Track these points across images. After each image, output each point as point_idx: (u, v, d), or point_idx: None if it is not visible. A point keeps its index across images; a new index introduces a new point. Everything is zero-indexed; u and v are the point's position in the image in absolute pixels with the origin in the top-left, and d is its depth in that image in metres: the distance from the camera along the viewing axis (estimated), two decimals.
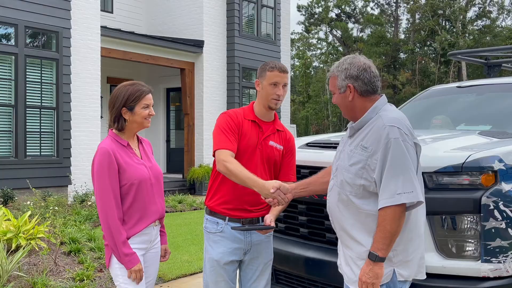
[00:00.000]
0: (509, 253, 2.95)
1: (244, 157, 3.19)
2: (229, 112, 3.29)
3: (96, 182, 2.94)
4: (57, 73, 10.63)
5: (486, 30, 32.92)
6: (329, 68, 2.88)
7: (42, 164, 10.37)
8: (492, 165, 3.00)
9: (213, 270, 3.31)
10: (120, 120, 3.05)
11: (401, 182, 2.47)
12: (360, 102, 2.70)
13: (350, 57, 2.77)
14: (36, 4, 10.27)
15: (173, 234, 8.40)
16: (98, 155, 2.95)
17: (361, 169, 2.59)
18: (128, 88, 3.05)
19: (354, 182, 2.61)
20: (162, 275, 5.95)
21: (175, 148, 15.96)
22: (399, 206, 2.47)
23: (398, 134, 2.51)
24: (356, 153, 2.63)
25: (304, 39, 39.75)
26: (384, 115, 2.62)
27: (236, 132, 3.19)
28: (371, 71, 2.70)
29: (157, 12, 15.60)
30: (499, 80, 5.05)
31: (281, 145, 3.32)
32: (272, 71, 3.20)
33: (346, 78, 2.69)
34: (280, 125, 3.39)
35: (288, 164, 3.37)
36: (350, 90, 2.69)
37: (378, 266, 2.52)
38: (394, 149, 2.49)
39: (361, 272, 2.57)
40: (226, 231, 3.28)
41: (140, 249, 3.05)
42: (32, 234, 5.87)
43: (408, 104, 5.45)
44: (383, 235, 2.49)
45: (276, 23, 16.38)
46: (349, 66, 2.70)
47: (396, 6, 37.07)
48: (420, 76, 32.49)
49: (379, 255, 2.51)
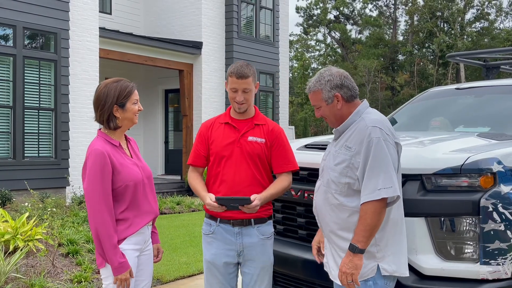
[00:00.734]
0: (508, 255, 2.94)
1: (223, 159, 3.28)
2: (203, 123, 3.48)
3: (87, 185, 2.89)
4: (55, 74, 10.62)
5: (484, 32, 32.99)
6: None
7: (40, 165, 10.35)
8: (491, 167, 2.99)
9: (208, 271, 3.36)
10: (113, 119, 3.00)
11: (381, 179, 2.62)
12: (346, 108, 2.87)
13: (327, 69, 2.94)
14: (35, 5, 10.26)
15: (171, 236, 8.38)
16: (93, 156, 2.89)
17: (345, 168, 2.75)
18: (117, 85, 3.00)
19: (339, 180, 2.77)
20: (160, 277, 5.94)
21: (174, 150, 15.94)
22: (379, 201, 2.63)
23: (380, 133, 2.68)
24: (340, 153, 2.79)
25: (302, 41, 39.78)
26: (367, 117, 2.80)
27: (204, 142, 3.37)
28: (350, 77, 2.90)
29: (156, 13, 15.59)
30: (498, 82, 5.05)
31: (262, 138, 3.29)
32: (231, 77, 3.25)
33: (332, 88, 2.85)
34: (260, 119, 3.38)
35: (280, 155, 3.31)
36: (337, 99, 2.85)
37: (358, 257, 2.67)
38: (375, 148, 2.66)
39: (342, 263, 2.72)
40: (217, 232, 3.31)
41: (135, 250, 3.03)
42: (30, 236, 5.85)
43: (407, 106, 5.45)
44: (364, 228, 2.64)
45: (274, 24, 16.39)
46: (331, 77, 2.86)
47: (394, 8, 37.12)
48: (418, 78, 32.52)
49: (359, 246, 2.66)
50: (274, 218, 3.99)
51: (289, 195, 3.74)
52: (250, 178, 3.24)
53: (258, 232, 3.28)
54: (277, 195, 3.27)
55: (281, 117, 16.81)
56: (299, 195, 3.68)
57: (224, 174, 3.27)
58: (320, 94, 2.86)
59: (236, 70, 3.23)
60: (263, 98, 15.98)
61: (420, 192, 3.08)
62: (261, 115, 3.43)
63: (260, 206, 3.14)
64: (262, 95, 15.90)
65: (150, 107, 15.86)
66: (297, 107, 35.78)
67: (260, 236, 3.29)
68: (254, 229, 3.27)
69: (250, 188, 3.20)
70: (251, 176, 3.24)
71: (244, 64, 3.28)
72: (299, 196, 3.68)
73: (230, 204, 3.12)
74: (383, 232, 2.72)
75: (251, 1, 15.64)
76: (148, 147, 16.04)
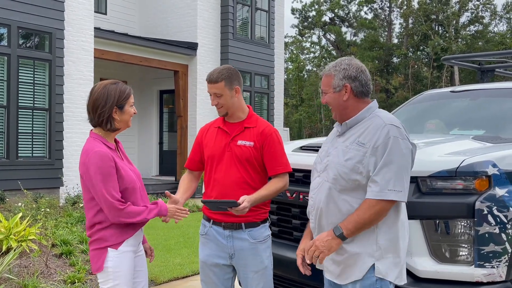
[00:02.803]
0: (502, 258, 2.95)
1: (214, 162, 3.31)
2: (201, 128, 3.55)
3: (95, 187, 2.85)
4: (50, 74, 10.58)
5: (478, 35, 33.09)
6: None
7: (34, 165, 10.30)
8: (486, 170, 3.00)
9: (202, 271, 3.41)
10: (111, 121, 2.99)
11: (393, 180, 2.53)
12: (353, 102, 2.75)
13: (348, 58, 2.83)
14: (29, 4, 10.22)
15: (165, 237, 8.36)
16: (97, 158, 2.86)
17: (357, 164, 2.61)
18: (116, 87, 3.00)
19: (349, 177, 2.64)
20: (154, 278, 5.92)
21: (168, 151, 15.91)
22: (387, 202, 2.54)
23: (398, 133, 2.59)
24: (352, 149, 2.66)
25: (297, 43, 39.80)
26: (382, 115, 2.70)
27: (197, 147, 3.48)
28: (367, 74, 2.78)
29: (151, 14, 15.57)
30: (493, 85, 5.08)
31: (251, 141, 3.27)
32: (207, 82, 3.31)
33: (344, 78, 2.73)
34: (252, 122, 3.35)
35: (271, 158, 3.28)
36: (346, 90, 2.73)
37: (336, 241, 2.61)
38: (392, 147, 2.56)
39: (318, 237, 2.66)
40: (210, 234, 3.34)
41: (133, 251, 3.04)
42: (23, 236, 5.81)
43: (402, 108, 5.46)
44: (359, 220, 2.56)
45: (270, 26, 16.40)
46: (348, 67, 2.75)
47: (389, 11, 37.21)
48: (413, 80, 32.60)
49: (344, 233, 2.59)
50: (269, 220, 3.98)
51: (284, 196, 3.74)
52: (240, 182, 3.22)
53: (249, 236, 3.25)
54: (269, 197, 3.23)
55: (276, 118, 16.81)
56: (294, 196, 3.68)
57: (216, 178, 3.29)
58: (332, 79, 2.75)
59: (208, 75, 3.28)
60: (258, 100, 15.98)
61: (416, 194, 3.09)
62: (254, 117, 3.38)
63: (249, 207, 3.07)
64: (257, 96, 15.89)
65: (145, 108, 15.83)
66: (292, 108, 35.79)
67: (251, 240, 3.25)
68: (245, 233, 3.25)
69: (240, 192, 3.16)
70: (241, 180, 3.23)
71: (220, 68, 3.30)
72: (295, 198, 3.68)
73: (218, 206, 3.12)
74: (387, 232, 2.61)
75: (246, 3, 15.64)
76: (142, 148, 16.01)
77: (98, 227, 2.97)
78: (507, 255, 2.96)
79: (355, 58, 2.85)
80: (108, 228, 2.95)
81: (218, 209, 3.17)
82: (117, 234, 2.95)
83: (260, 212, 3.30)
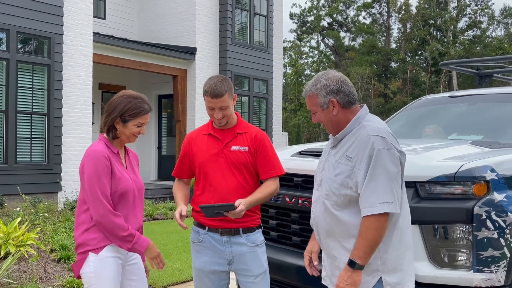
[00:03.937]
0: (501, 263, 2.96)
1: (207, 169, 3.28)
2: (188, 135, 3.51)
3: (89, 186, 2.89)
4: (49, 79, 10.58)
5: (476, 40, 33.21)
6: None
7: (32, 170, 10.29)
8: (484, 175, 3.01)
9: (198, 278, 3.38)
10: (113, 129, 3.03)
11: (382, 192, 2.50)
12: (343, 114, 2.72)
13: (324, 73, 2.80)
14: (28, 9, 10.23)
15: (164, 241, 8.36)
16: (95, 158, 2.91)
17: (346, 179, 2.61)
18: (130, 101, 3.01)
19: (339, 192, 2.63)
20: (153, 283, 5.91)
21: (167, 155, 15.90)
22: (382, 216, 2.51)
23: (383, 144, 2.55)
24: (341, 163, 2.65)
25: (296, 47, 39.88)
26: (368, 125, 2.65)
27: (185, 155, 3.44)
28: (348, 82, 2.75)
29: (150, 18, 15.59)
30: (491, 90, 5.09)
31: (245, 146, 3.28)
32: (207, 96, 3.20)
33: (328, 94, 2.71)
34: (243, 128, 3.35)
35: (265, 161, 3.29)
36: (333, 105, 2.71)
37: (357, 273, 2.55)
38: (377, 159, 2.53)
39: (339, 278, 2.59)
40: (206, 241, 3.30)
41: (117, 258, 3.00)
42: (21, 241, 5.81)
43: (400, 113, 5.48)
44: (365, 243, 2.52)
45: (268, 31, 16.43)
46: (328, 82, 2.72)
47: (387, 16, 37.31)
48: (411, 85, 32.67)
49: (359, 262, 2.53)
50: (268, 225, 3.99)
51: (283, 201, 3.74)
52: (238, 188, 3.23)
53: (247, 240, 3.26)
54: (263, 200, 3.24)
55: (275, 123, 16.82)
56: (293, 201, 3.68)
57: (211, 185, 3.27)
58: (316, 99, 2.73)
59: (210, 89, 3.17)
60: (257, 104, 15.99)
61: (414, 199, 3.09)
62: (243, 123, 3.40)
63: (245, 211, 3.08)
64: (256, 101, 15.90)
65: None
66: (290, 113, 35.83)
67: (249, 244, 3.26)
68: (242, 238, 3.25)
69: (238, 198, 3.15)
70: (239, 186, 3.23)
71: (218, 80, 3.21)
72: (294, 203, 3.68)
73: (215, 211, 3.08)
74: (388, 243, 2.59)
75: (245, 8, 15.67)
76: (141, 152, 15.99)
77: (82, 229, 2.96)
78: (506, 260, 2.96)
79: (332, 70, 2.84)
80: (90, 230, 2.94)
81: (214, 215, 3.13)
82: (98, 238, 2.94)
83: (255, 217, 3.32)
